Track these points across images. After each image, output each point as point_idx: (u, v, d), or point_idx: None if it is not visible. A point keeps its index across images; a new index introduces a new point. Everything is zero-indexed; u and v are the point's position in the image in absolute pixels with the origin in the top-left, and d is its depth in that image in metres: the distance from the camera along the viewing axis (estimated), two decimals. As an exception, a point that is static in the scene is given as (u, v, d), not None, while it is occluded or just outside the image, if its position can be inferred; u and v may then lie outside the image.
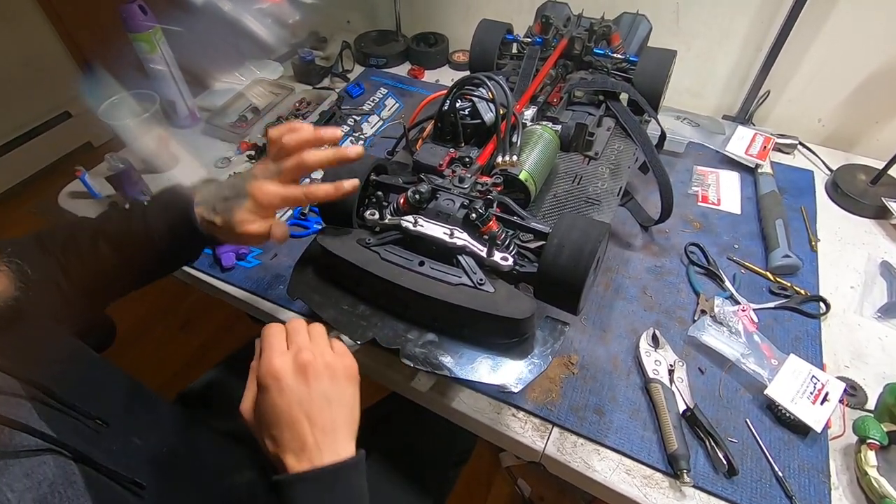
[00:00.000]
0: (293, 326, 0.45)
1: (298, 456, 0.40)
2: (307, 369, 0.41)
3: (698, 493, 0.52)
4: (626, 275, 0.72)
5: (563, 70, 0.80)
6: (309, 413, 0.40)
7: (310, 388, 0.41)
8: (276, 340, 0.43)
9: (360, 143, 0.98)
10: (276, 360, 0.41)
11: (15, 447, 0.30)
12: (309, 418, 0.40)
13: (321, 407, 0.41)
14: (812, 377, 0.57)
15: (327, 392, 0.42)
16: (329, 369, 0.43)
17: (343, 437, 0.42)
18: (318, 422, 0.41)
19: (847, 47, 0.88)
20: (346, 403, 0.43)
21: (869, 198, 0.81)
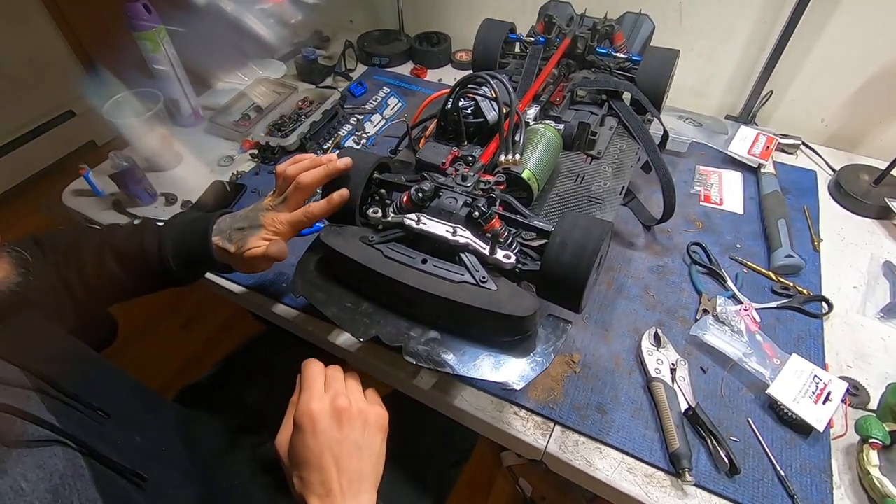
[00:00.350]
0: (332, 373, 0.48)
1: (322, 500, 0.41)
2: (342, 415, 0.43)
3: (700, 491, 0.52)
4: (628, 274, 0.72)
5: (566, 69, 0.80)
6: (339, 459, 0.42)
7: (342, 435, 0.43)
8: (316, 382, 0.46)
9: (363, 142, 0.98)
10: (314, 402, 0.43)
11: (27, 437, 0.31)
12: (338, 465, 0.42)
13: (351, 454, 0.43)
14: (814, 377, 0.57)
15: (358, 440, 0.43)
16: (362, 416, 0.45)
17: (367, 488, 0.43)
18: (345, 469, 0.42)
19: (850, 47, 0.88)
20: (375, 453, 0.45)
21: (872, 198, 0.81)
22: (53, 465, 0.32)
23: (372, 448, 0.45)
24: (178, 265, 0.57)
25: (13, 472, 0.29)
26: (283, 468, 0.46)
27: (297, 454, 0.43)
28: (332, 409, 0.43)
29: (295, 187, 0.55)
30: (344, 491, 0.41)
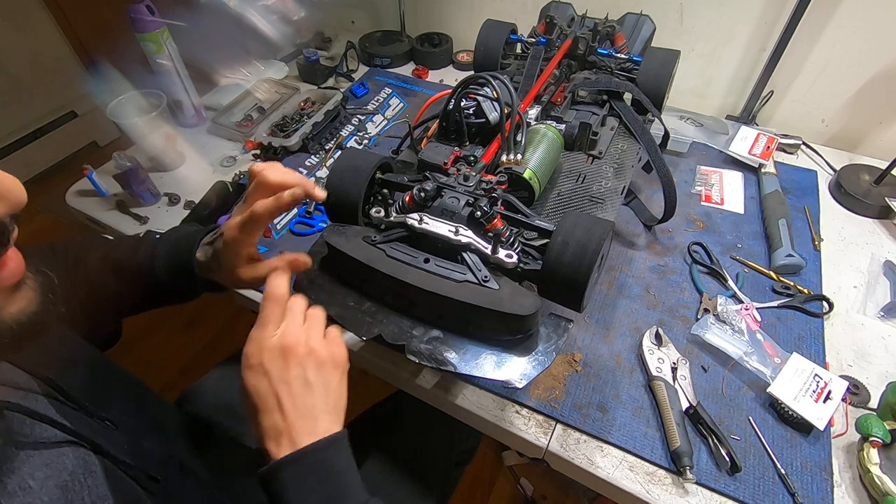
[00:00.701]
0: (290, 305, 0.44)
1: (278, 441, 0.40)
2: (289, 354, 0.41)
3: (701, 489, 0.52)
4: (629, 273, 0.72)
5: (567, 70, 0.80)
6: (287, 397, 0.40)
7: (290, 374, 0.41)
8: (271, 316, 0.43)
9: (365, 143, 0.99)
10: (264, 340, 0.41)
11: (35, 438, 0.31)
12: (286, 404, 0.40)
13: (300, 393, 0.41)
14: (815, 375, 0.58)
15: (308, 377, 0.41)
16: (314, 357, 0.42)
17: (324, 422, 0.41)
18: (295, 407, 0.40)
19: (850, 48, 0.88)
20: (331, 389, 0.43)
21: (872, 198, 0.81)
22: (62, 463, 0.32)
23: (326, 384, 0.42)
24: (168, 279, 0.56)
25: (21, 472, 0.29)
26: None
27: (246, 396, 0.41)
28: (280, 347, 0.41)
29: (254, 187, 0.52)
30: (296, 428, 0.40)
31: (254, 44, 1.04)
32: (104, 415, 0.42)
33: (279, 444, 0.40)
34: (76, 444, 0.34)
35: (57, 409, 0.35)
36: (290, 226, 0.81)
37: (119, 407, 0.49)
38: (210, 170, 0.94)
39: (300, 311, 0.45)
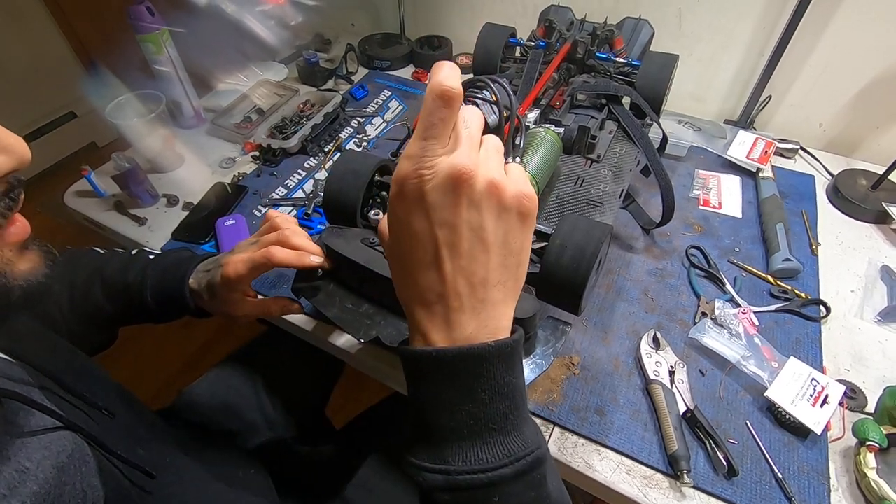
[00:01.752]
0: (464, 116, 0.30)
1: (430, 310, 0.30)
2: (461, 184, 0.28)
3: (698, 493, 0.52)
4: (627, 277, 0.73)
5: (566, 73, 0.80)
6: (452, 245, 0.29)
7: (458, 212, 0.29)
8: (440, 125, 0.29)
9: (364, 145, 0.99)
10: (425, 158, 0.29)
11: (30, 428, 0.31)
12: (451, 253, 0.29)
13: (471, 243, 0.29)
14: (812, 380, 0.58)
15: (485, 225, 0.29)
16: (495, 194, 0.29)
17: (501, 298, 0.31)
18: (462, 266, 0.29)
19: (848, 53, 0.88)
20: (513, 250, 0.31)
21: (870, 202, 0.81)
22: (61, 445, 0.31)
23: (507, 244, 0.30)
24: (155, 303, 0.56)
25: (17, 458, 0.29)
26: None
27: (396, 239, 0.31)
28: (449, 172, 0.28)
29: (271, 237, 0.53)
30: (462, 296, 0.29)
31: (252, 47, 1.04)
32: (101, 403, 0.42)
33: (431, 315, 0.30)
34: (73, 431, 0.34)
35: (53, 401, 0.35)
36: (289, 227, 0.81)
37: (113, 403, 0.49)
38: (209, 171, 0.94)
39: (477, 129, 0.31)
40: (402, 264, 0.32)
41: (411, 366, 0.32)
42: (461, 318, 0.30)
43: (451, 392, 0.30)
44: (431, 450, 0.31)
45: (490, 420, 0.30)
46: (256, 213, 0.84)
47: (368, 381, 0.69)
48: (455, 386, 0.30)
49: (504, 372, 0.30)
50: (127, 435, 0.46)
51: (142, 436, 0.49)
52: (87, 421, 0.38)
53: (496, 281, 0.31)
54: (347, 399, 1.14)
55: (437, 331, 0.31)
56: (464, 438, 0.30)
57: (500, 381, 0.30)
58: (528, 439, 0.31)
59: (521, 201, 0.30)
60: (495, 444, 0.30)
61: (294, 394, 0.83)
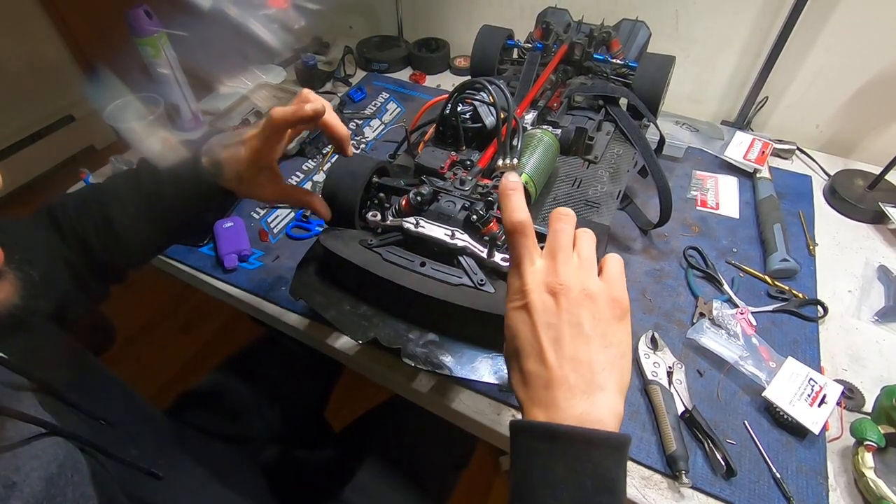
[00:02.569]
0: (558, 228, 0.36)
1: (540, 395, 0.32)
2: (559, 294, 0.33)
3: (696, 494, 0.52)
4: (625, 278, 0.72)
5: (564, 75, 0.81)
6: (558, 341, 0.33)
7: (559, 316, 0.33)
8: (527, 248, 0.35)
9: (362, 147, 0.99)
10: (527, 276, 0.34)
11: (21, 437, 0.30)
12: (557, 347, 0.33)
13: (574, 338, 0.33)
14: (810, 380, 0.58)
15: (582, 324, 0.33)
16: (590, 299, 0.34)
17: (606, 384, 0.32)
18: (569, 355, 0.32)
19: (844, 54, 0.89)
20: (613, 343, 0.33)
21: (866, 203, 0.82)
22: (53, 453, 0.31)
23: (607, 337, 0.33)
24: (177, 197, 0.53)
25: (4, 472, 0.28)
26: None
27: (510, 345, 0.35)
28: (547, 285, 0.34)
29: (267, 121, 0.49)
30: (569, 380, 0.32)
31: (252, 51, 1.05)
32: (98, 413, 0.41)
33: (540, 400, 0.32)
34: (66, 438, 0.33)
35: (47, 408, 0.35)
36: (287, 230, 0.81)
37: (112, 408, 0.48)
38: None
39: (568, 240, 0.36)
40: (516, 361, 0.35)
41: (520, 437, 0.33)
42: (570, 399, 0.32)
43: (556, 468, 0.31)
44: None
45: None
46: (254, 216, 0.84)
47: (367, 384, 0.69)
48: (561, 463, 0.30)
49: (611, 465, 0.30)
50: (127, 440, 0.45)
51: (143, 440, 0.49)
52: (83, 427, 0.38)
53: (601, 365, 0.33)
54: (346, 402, 1.14)
55: (544, 412, 0.32)
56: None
57: (606, 473, 0.30)
58: None
59: (613, 306, 0.34)
60: None
61: (292, 397, 0.83)
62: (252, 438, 0.75)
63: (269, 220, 0.83)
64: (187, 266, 0.77)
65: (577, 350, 0.32)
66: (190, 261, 0.77)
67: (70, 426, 0.35)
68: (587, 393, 0.32)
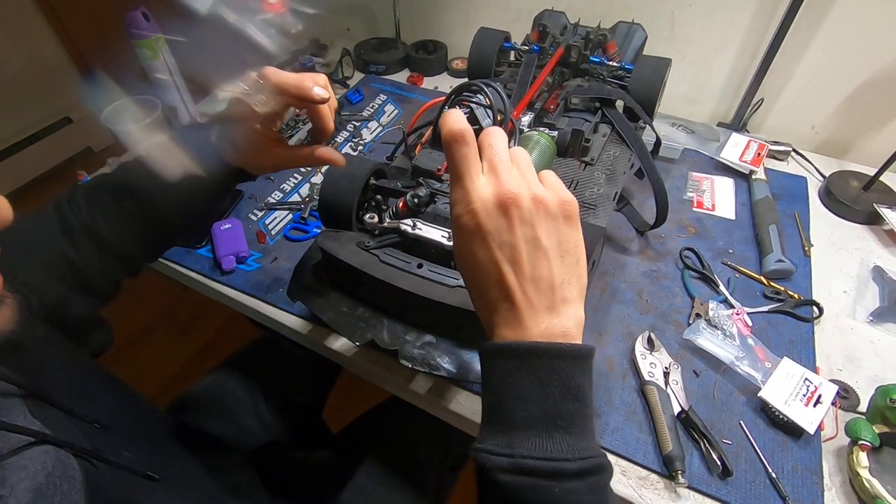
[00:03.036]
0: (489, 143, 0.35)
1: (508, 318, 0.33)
2: (509, 207, 0.32)
3: (693, 493, 0.52)
4: (622, 279, 0.73)
5: (560, 77, 0.81)
6: (514, 262, 0.32)
7: (513, 233, 0.33)
8: (468, 161, 0.34)
9: (360, 149, 0.99)
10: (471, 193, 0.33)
11: (10, 447, 0.30)
12: (515, 268, 0.32)
13: (531, 255, 0.32)
14: (805, 380, 0.58)
15: (538, 236, 0.33)
16: (541, 207, 0.33)
17: (569, 297, 0.33)
18: (528, 275, 0.32)
19: (839, 56, 0.89)
20: (569, 251, 0.34)
21: (861, 204, 0.82)
22: (41, 462, 0.31)
23: (562, 244, 0.33)
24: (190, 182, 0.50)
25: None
26: None
27: (465, 267, 0.35)
28: (496, 200, 0.33)
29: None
30: (532, 301, 0.32)
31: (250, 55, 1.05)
32: (91, 417, 0.41)
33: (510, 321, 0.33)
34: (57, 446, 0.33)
35: (37, 414, 0.34)
36: (285, 231, 0.81)
37: (108, 409, 0.48)
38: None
39: (505, 151, 0.35)
40: (477, 288, 0.35)
41: (489, 357, 0.34)
42: (535, 317, 0.32)
43: (524, 382, 0.32)
44: (500, 436, 0.32)
45: (559, 416, 0.31)
46: (252, 217, 0.84)
47: (366, 385, 0.69)
48: (529, 376, 0.32)
49: (576, 374, 0.32)
50: (122, 442, 0.45)
51: (139, 440, 0.49)
52: (78, 432, 0.38)
53: (561, 279, 0.33)
54: (344, 403, 1.14)
55: (511, 331, 0.33)
56: (532, 428, 0.31)
57: (572, 381, 0.32)
58: (593, 446, 0.33)
59: (563, 207, 0.34)
60: (561, 441, 0.31)
61: (290, 398, 0.83)
62: (249, 440, 0.75)
63: (266, 221, 0.84)
64: (185, 268, 0.77)
65: (537, 268, 0.33)
66: (187, 262, 0.77)
67: (61, 431, 0.35)
68: (550, 309, 0.33)
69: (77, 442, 0.35)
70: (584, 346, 0.33)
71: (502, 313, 0.33)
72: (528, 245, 0.33)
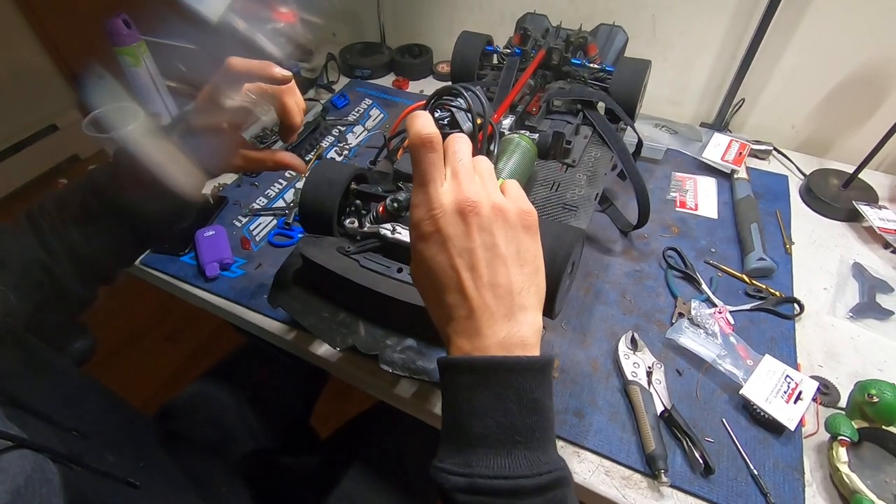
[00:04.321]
0: (453, 150, 0.34)
1: (465, 325, 0.33)
2: (468, 213, 0.32)
3: (676, 492, 0.53)
4: (605, 279, 0.73)
5: (542, 80, 0.81)
6: (473, 267, 0.32)
7: (471, 239, 0.32)
8: (433, 167, 0.33)
9: (345, 154, 0.99)
10: (433, 199, 0.33)
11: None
12: (473, 273, 0.32)
13: (489, 262, 0.32)
14: (786, 377, 0.59)
15: (497, 243, 0.33)
16: (500, 215, 0.33)
17: (527, 304, 0.33)
18: (486, 281, 0.32)
19: (816, 56, 0.91)
20: (527, 260, 0.34)
21: (841, 201, 0.83)
22: (19, 466, 0.30)
23: (521, 253, 0.33)
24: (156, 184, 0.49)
25: None
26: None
27: (422, 273, 0.35)
28: (456, 206, 0.33)
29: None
30: (491, 307, 0.32)
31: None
32: (70, 425, 0.41)
33: (467, 330, 0.32)
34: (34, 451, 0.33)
35: (15, 421, 0.34)
36: (270, 237, 0.81)
37: (90, 416, 0.48)
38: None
39: (468, 159, 0.35)
40: (434, 295, 0.35)
41: (446, 373, 0.34)
42: (493, 324, 0.32)
43: (480, 398, 0.32)
44: (458, 455, 0.32)
45: (517, 432, 0.31)
46: (237, 224, 0.84)
47: (356, 391, 0.69)
48: (486, 392, 0.32)
49: (533, 387, 0.32)
50: (103, 448, 0.45)
51: (122, 447, 0.49)
52: (53, 439, 0.38)
53: (519, 287, 0.33)
54: (334, 409, 1.14)
55: (468, 341, 0.33)
56: (490, 446, 0.31)
57: (529, 394, 0.32)
58: (552, 458, 0.33)
59: (523, 217, 0.34)
60: (519, 457, 0.31)
61: (277, 404, 0.83)
62: (236, 446, 0.75)
63: (251, 227, 0.83)
64: (168, 275, 0.76)
65: (495, 274, 0.33)
66: (171, 270, 0.76)
67: (39, 438, 0.35)
68: (508, 316, 0.32)
69: (53, 446, 0.35)
70: (541, 357, 0.33)
71: (459, 321, 0.33)
72: (486, 252, 0.33)
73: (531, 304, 0.34)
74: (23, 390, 0.39)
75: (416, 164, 0.34)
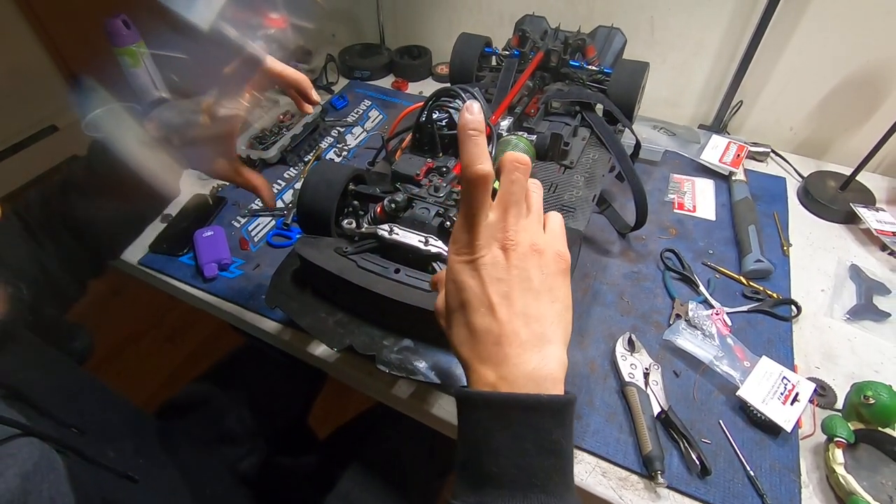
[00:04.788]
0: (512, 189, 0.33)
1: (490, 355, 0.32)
2: (509, 250, 0.33)
3: (672, 493, 0.53)
4: (603, 281, 0.73)
5: (541, 82, 0.82)
6: (509, 295, 0.32)
7: (509, 272, 0.33)
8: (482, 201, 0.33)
9: (344, 155, 0.99)
10: (478, 228, 0.33)
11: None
12: (508, 300, 0.32)
13: (524, 291, 0.32)
14: (783, 378, 0.59)
15: (531, 278, 0.33)
16: (538, 254, 0.33)
17: (553, 338, 0.33)
18: (520, 309, 0.32)
19: (814, 58, 0.91)
20: (558, 299, 0.34)
21: (838, 203, 0.83)
22: (28, 452, 0.31)
23: (553, 291, 0.33)
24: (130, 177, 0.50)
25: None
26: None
27: (453, 299, 0.34)
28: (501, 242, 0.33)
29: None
30: (521, 335, 0.31)
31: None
32: (70, 421, 0.41)
33: (491, 363, 0.32)
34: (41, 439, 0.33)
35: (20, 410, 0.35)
36: (268, 238, 0.81)
37: (90, 411, 0.48)
38: (188, 183, 0.93)
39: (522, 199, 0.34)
40: (461, 316, 0.34)
41: (463, 406, 0.33)
42: (521, 353, 0.31)
43: (498, 436, 0.30)
44: (472, 494, 0.31)
45: (534, 475, 0.30)
46: (235, 224, 0.84)
47: (355, 392, 0.69)
48: (503, 430, 0.30)
49: (552, 427, 0.30)
50: (104, 443, 0.45)
51: (121, 443, 0.49)
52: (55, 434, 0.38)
53: (550, 320, 0.33)
54: (333, 409, 1.14)
55: (494, 370, 0.32)
56: (504, 487, 0.30)
57: (549, 436, 0.30)
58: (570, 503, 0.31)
59: (557, 260, 0.34)
60: (535, 500, 0.30)
61: (275, 405, 0.83)
62: (234, 446, 0.75)
63: (249, 228, 0.83)
64: (167, 276, 0.76)
65: (528, 305, 0.32)
66: (169, 270, 0.77)
67: (43, 427, 0.35)
68: (538, 347, 0.32)
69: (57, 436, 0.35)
70: (564, 396, 0.32)
71: (486, 347, 0.32)
72: (521, 283, 0.33)
73: (558, 340, 0.33)
74: (26, 386, 0.39)
75: (466, 197, 0.33)
